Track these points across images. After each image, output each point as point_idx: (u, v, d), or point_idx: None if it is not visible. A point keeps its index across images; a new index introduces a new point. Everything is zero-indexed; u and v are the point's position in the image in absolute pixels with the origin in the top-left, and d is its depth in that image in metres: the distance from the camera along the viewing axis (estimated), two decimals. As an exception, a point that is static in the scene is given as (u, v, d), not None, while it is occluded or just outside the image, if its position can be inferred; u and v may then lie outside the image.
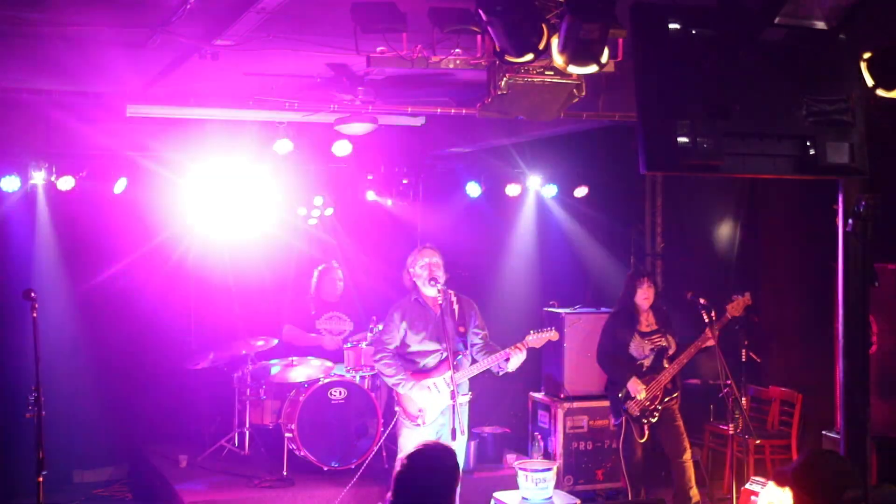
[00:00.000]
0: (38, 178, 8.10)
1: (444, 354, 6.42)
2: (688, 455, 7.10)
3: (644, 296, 7.18)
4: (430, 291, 6.46)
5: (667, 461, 7.37)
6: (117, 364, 8.77)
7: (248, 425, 8.05)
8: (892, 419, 6.59)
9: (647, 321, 7.22)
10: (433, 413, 6.39)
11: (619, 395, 7.11)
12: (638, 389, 7.00)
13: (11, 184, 7.98)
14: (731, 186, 8.85)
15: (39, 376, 5.21)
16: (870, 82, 4.13)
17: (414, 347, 6.45)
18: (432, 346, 6.45)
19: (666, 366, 7.06)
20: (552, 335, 6.63)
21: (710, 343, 6.92)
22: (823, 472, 3.49)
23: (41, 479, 5.18)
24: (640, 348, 7.13)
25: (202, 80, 6.80)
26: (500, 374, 6.55)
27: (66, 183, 8.16)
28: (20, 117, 8.29)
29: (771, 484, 7.11)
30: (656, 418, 7.04)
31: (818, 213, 6.87)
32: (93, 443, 8.62)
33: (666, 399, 7.05)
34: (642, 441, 7.10)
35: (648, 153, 3.83)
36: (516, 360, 6.41)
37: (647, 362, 7.11)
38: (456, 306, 6.33)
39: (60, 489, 8.03)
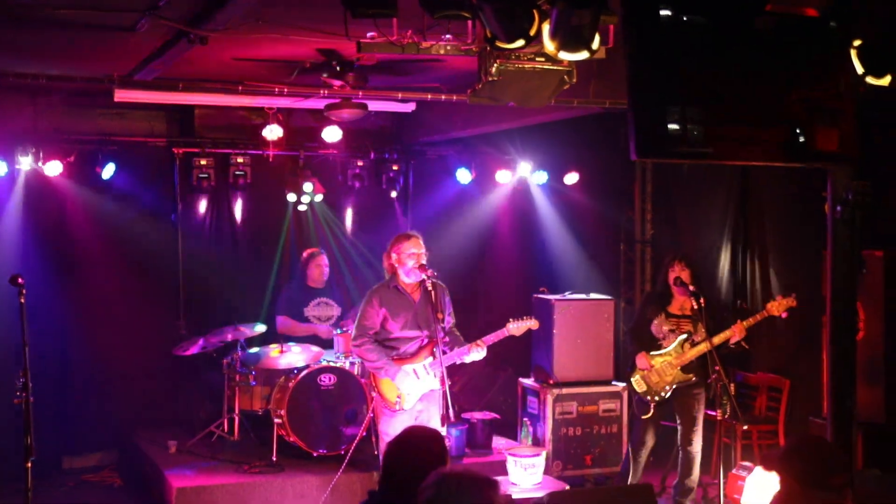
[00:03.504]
0: (25, 163, 8.07)
1: (425, 341, 6.43)
2: (697, 447, 7.10)
3: (676, 275, 7.10)
4: (410, 279, 6.43)
5: (660, 447, 7.43)
6: (106, 350, 8.75)
7: (237, 411, 8.05)
8: (878, 405, 6.64)
9: (680, 305, 7.13)
10: (412, 399, 6.39)
11: (630, 369, 7.13)
12: (644, 365, 7.00)
13: (-1, 168, 7.95)
14: (721, 173, 8.86)
15: (27, 362, 5.20)
16: (860, 70, 4.14)
17: (395, 334, 6.44)
18: (412, 333, 6.44)
19: (685, 349, 7.01)
20: (532, 324, 6.65)
21: (737, 337, 6.83)
22: (810, 458, 3.51)
23: (29, 464, 5.17)
24: (659, 328, 7.10)
25: (191, 65, 6.78)
26: (458, 363, 6.57)
27: (53, 168, 8.13)
28: (6, 101, 8.26)
29: (758, 469, 7.16)
30: (661, 399, 7.02)
31: (808, 200, 6.91)
32: (82, 429, 8.62)
33: (679, 385, 7.01)
34: (645, 418, 7.09)
35: (639, 140, 3.83)
36: (475, 355, 6.43)
37: (665, 343, 7.09)
38: (433, 293, 6.31)
39: (49, 475, 8.01)
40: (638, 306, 7.44)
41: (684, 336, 7.02)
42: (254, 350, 8.07)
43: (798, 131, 3.94)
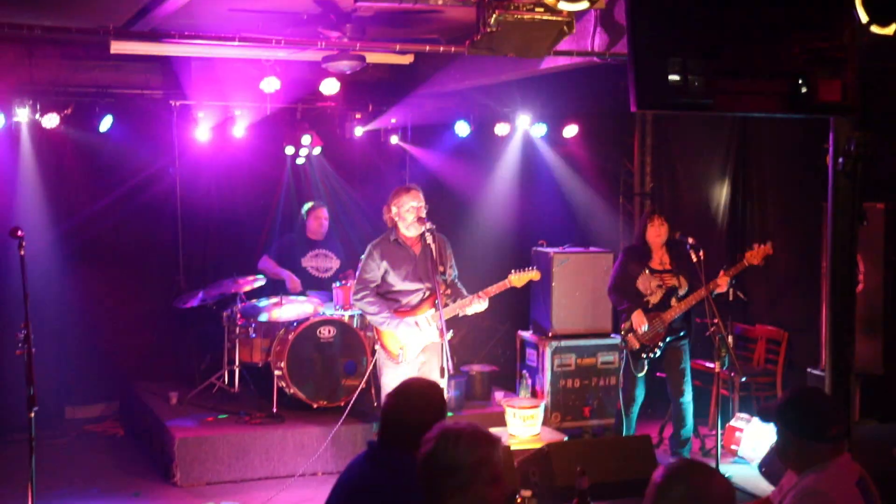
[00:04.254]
0: (23, 115, 8.01)
1: (427, 293, 6.44)
2: (688, 398, 7.16)
3: (655, 233, 7.13)
4: (411, 232, 6.43)
5: (657, 400, 7.49)
6: (107, 302, 8.79)
7: (237, 363, 8.10)
8: (876, 357, 6.67)
9: (660, 260, 7.17)
10: (414, 351, 6.42)
11: (623, 326, 7.16)
12: (640, 322, 7.03)
13: (-4, 121, 7.90)
14: (721, 125, 8.82)
15: (28, 313, 5.22)
16: (864, 18, 4.09)
17: (397, 287, 6.46)
18: (414, 285, 6.46)
19: (673, 304, 7.06)
20: (534, 275, 6.65)
21: (721, 290, 6.85)
22: (807, 409, 3.54)
23: (32, 415, 5.21)
24: (646, 283, 7.13)
25: (187, 17, 6.71)
26: (461, 315, 6.58)
27: (50, 120, 8.07)
28: (3, 54, 8.19)
29: (756, 420, 7.23)
30: (657, 354, 7.08)
31: (809, 152, 6.88)
32: (84, 380, 8.68)
33: (670, 339, 7.07)
34: (640, 375, 7.15)
35: (639, 91, 3.80)
36: (477, 306, 6.44)
37: (653, 299, 7.11)
38: (433, 245, 6.31)
39: (52, 425, 8.10)
40: (617, 263, 7.41)
41: (671, 290, 7.07)
42: (253, 302, 8.09)
43: (800, 82, 3.90)
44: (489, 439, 2.94)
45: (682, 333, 7.11)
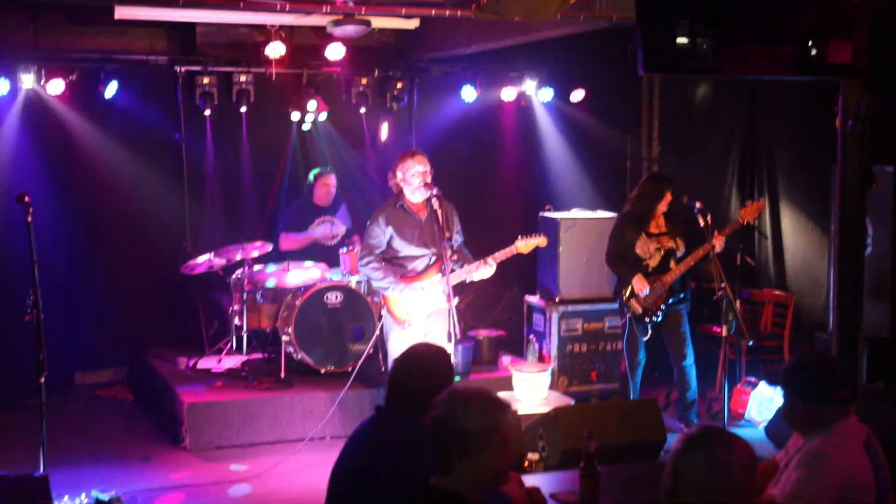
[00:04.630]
0: (28, 81, 7.99)
1: (433, 258, 6.44)
2: (689, 360, 7.18)
3: (667, 201, 7.13)
4: (416, 198, 6.42)
5: (663, 363, 7.50)
6: (115, 268, 8.81)
7: (245, 329, 8.13)
8: (884, 320, 6.67)
9: (656, 224, 7.18)
10: (420, 316, 6.43)
11: (624, 292, 7.16)
12: (642, 286, 7.04)
13: (1, 87, 7.87)
14: (729, 90, 8.75)
15: (37, 280, 5.24)
16: (875, -21, 4.05)
17: (403, 252, 6.46)
18: (420, 251, 6.45)
19: (672, 267, 7.07)
20: (540, 241, 6.64)
21: (717, 249, 6.86)
22: (814, 372, 3.54)
23: (42, 380, 5.25)
24: (645, 248, 7.12)
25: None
26: (467, 281, 6.58)
27: (55, 86, 8.05)
28: (7, 18, 8.15)
29: (763, 384, 7.25)
30: (660, 318, 7.10)
31: (818, 114, 6.83)
32: (94, 345, 8.73)
33: (671, 301, 7.08)
34: (645, 339, 7.18)
35: (647, 53, 3.78)
36: (484, 272, 6.44)
37: (652, 262, 7.11)
38: (439, 211, 6.30)
39: (63, 390, 8.16)
40: (614, 230, 7.36)
41: (669, 252, 7.07)
42: (260, 268, 8.10)
43: (810, 44, 3.87)
44: (499, 405, 2.95)
45: (682, 296, 7.12)
